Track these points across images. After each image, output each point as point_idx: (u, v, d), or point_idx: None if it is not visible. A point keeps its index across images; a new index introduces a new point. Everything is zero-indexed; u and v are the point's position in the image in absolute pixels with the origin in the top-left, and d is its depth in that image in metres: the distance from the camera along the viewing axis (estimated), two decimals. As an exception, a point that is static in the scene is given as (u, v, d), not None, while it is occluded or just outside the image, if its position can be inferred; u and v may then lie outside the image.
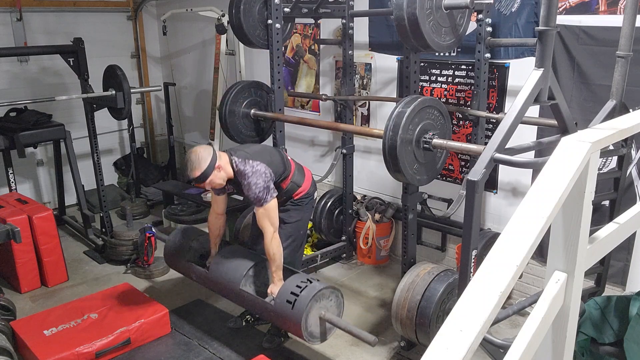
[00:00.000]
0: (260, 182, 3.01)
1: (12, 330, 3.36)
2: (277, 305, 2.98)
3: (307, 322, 2.90)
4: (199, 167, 2.96)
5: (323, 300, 2.98)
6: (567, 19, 3.29)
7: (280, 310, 2.96)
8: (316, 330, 2.97)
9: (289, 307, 2.92)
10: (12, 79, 5.63)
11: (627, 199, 3.15)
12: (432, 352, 0.92)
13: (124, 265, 4.66)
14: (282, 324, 3.06)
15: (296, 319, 2.87)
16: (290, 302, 2.92)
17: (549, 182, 1.24)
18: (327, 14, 4.13)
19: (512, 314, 2.03)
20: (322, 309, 2.97)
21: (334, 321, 2.97)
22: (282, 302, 2.96)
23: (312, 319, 2.93)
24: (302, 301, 2.89)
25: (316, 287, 2.94)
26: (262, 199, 3.01)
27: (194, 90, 6.55)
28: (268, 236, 3.05)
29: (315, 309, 2.93)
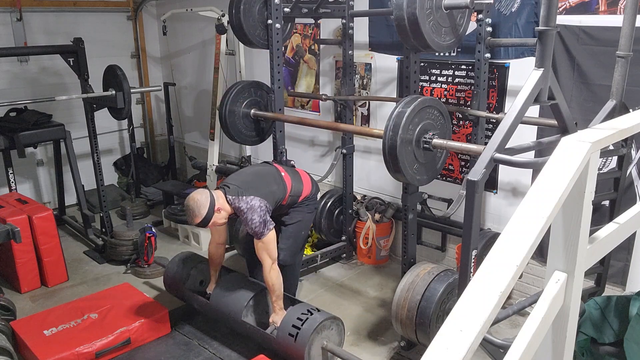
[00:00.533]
0: (255, 217, 3.06)
1: (12, 330, 3.36)
2: (280, 338, 3.05)
3: (310, 354, 2.97)
4: (200, 214, 3.01)
5: (324, 331, 3.05)
6: (567, 19, 3.29)
7: (283, 343, 3.03)
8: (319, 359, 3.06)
9: (291, 340, 2.98)
10: (12, 79, 5.63)
11: (627, 199, 3.15)
12: (432, 352, 0.92)
13: (124, 265, 4.66)
14: (285, 355, 3.11)
15: (299, 352, 2.94)
16: (293, 335, 2.98)
17: (549, 182, 1.24)
18: (327, 14, 4.13)
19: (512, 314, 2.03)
20: (324, 339, 3.05)
21: (336, 352, 3.08)
22: (284, 335, 3.02)
23: (314, 350, 3.00)
24: (304, 334, 2.96)
25: (317, 320, 3.01)
26: (259, 233, 3.08)
27: (194, 90, 6.55)
28: (267, 268, 3.12)
29: (318, 340, 3.01)
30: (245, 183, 3.20)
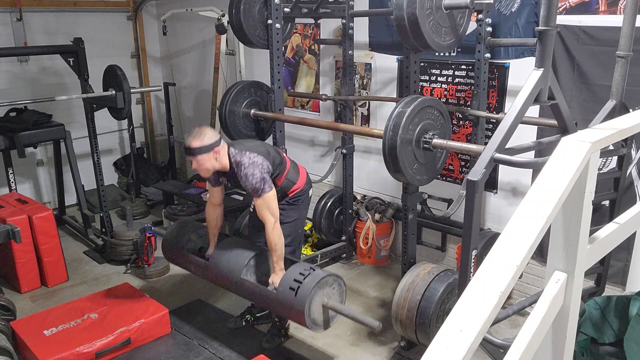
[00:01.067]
0: (257, 172, 3.00)
1: (12, 330, 3.36)
2: (280, 293, 2.95)
3: (310, 310, 2.87)
4: (200, 140, 2.96)
5: (326, 288, 2.94)
6: (567, 19, 3.29)
7: (283, 298, 2.92)
8: (319, 318, 2.94)
9: (292, 295, 2.88)
10: (12, 79, 5.63)
11: (627, 199, 3.15)
12: (432, 352, 0.92)
13: (124, 265, 4.66)
14: (284, 312, 3.03)
15: (299, 307, 2.84)
16: (294, 289, 2.88)
17: (549, 182, 1.24)
18: (327, 14, 4.13)
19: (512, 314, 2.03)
20: (325, 296, 2.94)
21: (338, 308, 2.95)
22: (284, 289, 2.92)
23: (315, 306, 2.89)
24: (305, 288, 2.85)
25: (319, 275, 2.91)
26: (260, 189, 3.01)
27: (194, 90, 6.56)
28: (269, 226, 3.04)
29: (319, 296, 2.90)
30: (251, 146, 3.18)
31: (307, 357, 3.42)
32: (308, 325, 2.88)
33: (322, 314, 2.95)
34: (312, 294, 2.86)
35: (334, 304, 2.95)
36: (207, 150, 2.98)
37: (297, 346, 3.51)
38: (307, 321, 2.86)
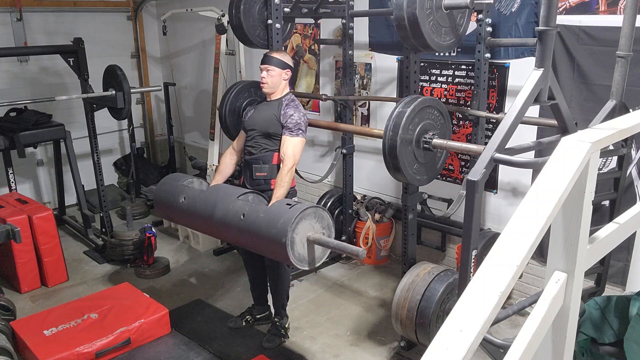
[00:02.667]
0: (299, 115, 3.19)
1: (12, 330, 3.36)
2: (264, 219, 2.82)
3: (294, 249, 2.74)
4: (281, 55, 3.24)
5: (309, 219, 2.81)
6: (567, 19, 3.29)
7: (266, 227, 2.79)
8: (304, 253, 2.82)
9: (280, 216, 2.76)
10: (12, 79, 5.63)
11: (627, 199, 3.15)
12: (432, 352, 0.92)
13: (124, 265, 4.66)
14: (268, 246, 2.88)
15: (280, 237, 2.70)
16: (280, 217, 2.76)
17: (549, 182, 1.24)
18: (327, 14, 4.12)
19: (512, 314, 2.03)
20: (310, 230, 2.81)
21: (322, 241, 2.82)
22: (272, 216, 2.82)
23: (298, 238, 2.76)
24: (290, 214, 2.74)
25: (303, 206, 2.81)
26: (300, 128, 3.17)
27: (194, 90, 6.55)
28: (287, 166, 3.12)
29: (303, 226, 2.77)
30: None
31: (306, 357, 3.42)
32: (292, 259, 2.74)
33: (307, 251, 2.83)
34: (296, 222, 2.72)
35: (318, 237, 2.82)
36: (283, 66, 3.22)
37: (297, 346, 3.51)
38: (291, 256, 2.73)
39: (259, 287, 3.70)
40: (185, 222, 3.66)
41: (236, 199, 3.06)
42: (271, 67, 3.21)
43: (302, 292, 4.18)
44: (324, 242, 2.83)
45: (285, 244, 2.71)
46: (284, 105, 3.23)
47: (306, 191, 5.28)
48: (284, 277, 3.48)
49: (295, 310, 3.88)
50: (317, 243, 2.84)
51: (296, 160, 3.16)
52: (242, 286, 4.23)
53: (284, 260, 2.83)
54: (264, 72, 3.24)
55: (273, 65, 3.20)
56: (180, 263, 4.77)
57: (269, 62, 3.21)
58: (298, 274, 4.37)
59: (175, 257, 4.86)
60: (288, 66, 3.25)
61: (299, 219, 2.74)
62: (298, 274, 4.37)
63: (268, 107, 3.29)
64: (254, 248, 3.11)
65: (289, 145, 3.15)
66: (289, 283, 3.68)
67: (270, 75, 3.22)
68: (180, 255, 4.91)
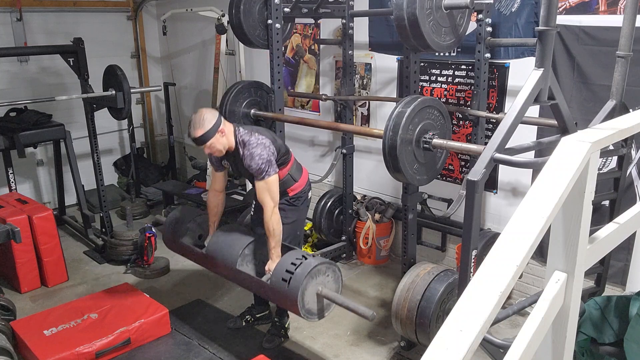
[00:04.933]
0: (264, 154, 2.99)
1: (12, 330, 3.36)
2: (274, 283, 2.92)
3: (304, 300, 2.83)
4: (202, 127, 2.94)
5: (320, 277, 2.90)
6: (567, 19, 3.29)
7: (277, 289, 2.90)
8: (314, 307, 2.90)
9: (284, 286, 2.85)
10: (12, 79, 5.63)
11: (627, 199, 3.15)
12: (432, 352, 0.92)
13: (124, 265, 4.66)
14: (279, 302, 3.01)
15: (292, 297, 2.81)
16: (286, 280, 2.85)
17: (549, 182, 1.24)
18: (327, 14, 4.13)
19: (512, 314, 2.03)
20: (319, 285, 2.90)
21: (331, 297, 2.90)
22: (277, 280, 2.89)
23: (308, 296, 2.86)
24: (297, 279, 2.82)
25: (311, 264, 2.87)
26: (264, 171, 2.99)
27: (194, 90, 6.56)
28: (268, 211, 3.02)
29: (312, 285, 2.86)
30: (258, 129, 3.17)
31: (306, 357, 3.42)
32: (303, 315, 2.85)
33: (317, 303, 2.91)
34: (305, 284, 2.81)
35: (327, 293, 2.90)
36: (213, 133, 2.97)
37: (297, 346, 3.51)
38: (302, 312, 2.83)
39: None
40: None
41: (237, 269, 3.15)
42: (206, 143, 3.00)
43: (302, 292, 4.18)
44: (332, 298, 2.92)
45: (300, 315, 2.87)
46: (242, 155, 3.06)
47: (306, 191, 5.28)
48: None
49: (295, 310, 3.88)
50: (326, 298, 2.93)
51: (275, 200, 3.05)
52: (242, 286, 4.23)
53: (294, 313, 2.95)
54: (206, 149, 3.06)
55: (206, 141, 2.99)
56: (180, 263, 4.76)
57: (200, 142, 3.00)
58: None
59: (175, 257, 4.85)
60: (216, 128, 2.97)
61: (302, 291, 2.83)
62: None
63: (236, 159, 3.16)
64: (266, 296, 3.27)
65: (260, 191, 3.04)
66: None
67: (212, 148, 3.03)
68: (180, 255, 4.91)
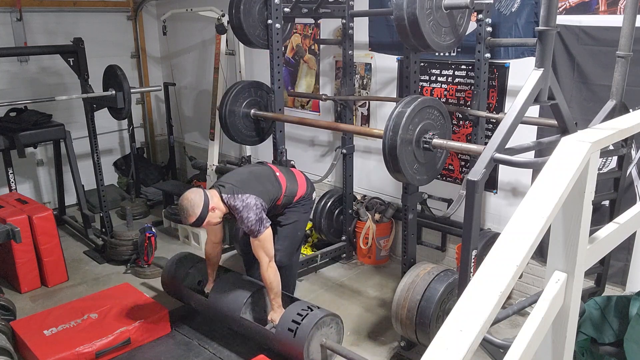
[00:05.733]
0: (251, 215, 3.04)
1: (12, 330, 3.36)
2: (279, 333, 3.04)
3: (309, 350, 2.96)
4: (194, 214, 2.98)
5: (324, 328, 3.04)
6: (567, 19, 3.29)
7: (283, 339, 3.02)
8: (318, 357, 3.05)
9: (290, 336, 2.98)
10: (12, 79, 5.63)
11: (627, 199, 3.15)
12: (432, 352, 0.92)
13: (124, 265, 4.65)
14: (284, 351, 3.10)
15: (298, 347, 2.94)
16: (292, 331, 2.98)
17: (549, 182, 1.24)
18: (327, 14, 4.13)
19: (512, 314, 2.03)
20: (323, 336, 3.04)
21: (336, 349, 3.05)
22: (283, 330, 3.02)
23: (313, 346, 2.99)
24: (303, 329, 2.95)
25: (317, 315, 3.01)
26: (256, 230, 3.06)
27: (194, 90, 6.55)
28: (264, 266, 3.12)
29: (317, 336, 3.01)
30: (240, 182, 3.18)
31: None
32: None
33: (321, 353, 3.05)
34: (311, 335, 2.95)
35: (332, 345, 3.05)
36: (204, 215, 3.01)
37: (297, 346, 3.51)
38: None
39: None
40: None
41: (241, 318, 3.24)
42: (202, 224, 3.06)
43: (302, 292, 4.18)
44: (337, 350, 3.07)
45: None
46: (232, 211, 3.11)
47: (306, 191, 5.28)
48: (287, 283, 3.49)
49: (295, 310, 3.88)
50: (330, 350, 3.07)
51: (269, 255, 3.12)
52: (242, 286, 4.23)
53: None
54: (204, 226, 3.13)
55: (202, 223, 3.04)
56: (180, 263, 4.76)
57: (196, 225, 3.05)
58: (298, 274, 4.36)
59: (175, 257, 4.85)
60: (205, 208, 3.00)
61: (308, 341, 2.94)
62: (298, 274, 4.36)
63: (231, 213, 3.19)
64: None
65: (255, 248, 3.12)
66: (295, 286, 3.70)
67: (209, 223, 3.09)
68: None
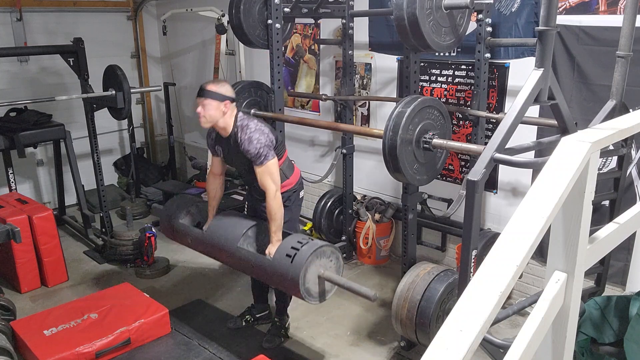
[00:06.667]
0: (262, 138, 2.96)
1: (12, 330, 3.35)
2: (276, 260, 2.89)
3: (306, 278, 2.80)
4: (216, 86, 2.96)
5: (323, 258, 2.88)
6: (567, 19, 3.29)
7: (279, 265, 2.86)
8: (314, 288, 2.87)
9: (288, 261, 2.82)
10: (12, 79, 5.63)
11: (627, 199, 3.15)
12: (432, 352, 0.92)
13: (124, 265, 4.66)
14: (279, 281, 2.94)
15: (294, 274, 2.78)
16: (290, 256, 2.83)
17: (549, 182, 1.24)
18: (327, 14, 4.13)
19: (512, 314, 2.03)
20: (322, 267, 2.87)
21: (334, 279, 2.87)
22: (281, 256, 2.87)
23: (310, 275, 2.83)
24: (302, 255, 2.80)
25: (317, 243, 2.87)
26: (263, 155, 2.96)
27: (194, 90, 6.49)
28: (270, 194, 3.00)
29: (315, 265, 2.83)
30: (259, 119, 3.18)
31: (306, 357, 3.42)
32: (302, 294, 2.81)
33: (318, 285, 2.88)
34: (309, 262, 2.78)
35: (330, 275, 2.87)
36: (219, 98, 2.94)
37: (297, 346, 3.51)
38: (302, 290, 2.79)
39: (260, 285, 3.70)
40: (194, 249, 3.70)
41: (238, 248, 3.12)
42: (206, 100, 2.94)
43: (302, 292, 4.18)
44: (335, 280, 2.90)
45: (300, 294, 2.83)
46: (239, 140, 3.01)
47: (306, 191, 5.26)
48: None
49: (295, 310, 3.88)
50: (328, 280, 2.90)
51: (277, 184, 3.03)
52: (242, 286, 4.23)
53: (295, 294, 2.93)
54: (199, 106, 2.98)
55: (208, 99, 2.94)
56: (180, 263, 4.77)
57: (203, 95, 2.95)
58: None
59: (175, 257, 4.86)
60: (226, 97, 2.96)
61: (305, 267, 2.80)
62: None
63: (230, 144, 3.11)
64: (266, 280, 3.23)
65: (261, 176, 3.01)
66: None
67: (205, 108, 2.96)
68: (180, 255, 4.91)
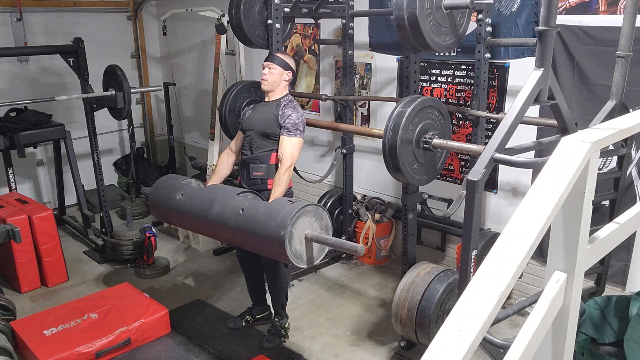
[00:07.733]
0: (297, 116, 3.22)
1: (12, 330, 3.36)
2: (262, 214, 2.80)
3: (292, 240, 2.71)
4: (284, 56, 3.32)
5: (310, 217, 2.80)
6: (567, 19, 3.29)
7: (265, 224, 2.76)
8: (301, 250, 2.78)
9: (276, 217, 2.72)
10: (12, 79, 5.63)
11: (627, 199, 3.15)
12: (432, 352, 0.92)
13: (124, 265, 4.66)
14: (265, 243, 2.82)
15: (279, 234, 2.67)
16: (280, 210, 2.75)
17: (549, 182, 1.24)
18: (327, 14, 4.13)
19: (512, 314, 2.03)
20: (308, 228, 2.79)
21: (320, 238, 2.79)
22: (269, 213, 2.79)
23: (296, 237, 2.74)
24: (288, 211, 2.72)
25: (304, 203, 2.80)
26: (298, 129, 3.19)
27: (194, 90, 6.55)
28: (284, 166, 3.14)
29: (302, 223, 2.75)
30: None
31: (306, 357, 3.42)
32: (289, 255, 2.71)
33: (305, 249, 2.80)
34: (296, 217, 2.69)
35: (316, 235, 2.79)
36: (285, 66, 3.28)
37: (297, 346, 3.51)
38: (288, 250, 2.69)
39: (257, 288, 3.70)
40: (181, 221, 3.54)
41: (235, 196, 3.08)
42: (273, 65, 3.26)
43: (302, 292, 4.18)
44: (322, 239, 2.81)
45: (283, 236, 2.67)
46: (282, 105, 3.25)
47: (306, 191, 5.28)
48: (281, 277, 3.47)
49: (295, 310, 3.88)
50: (315, 240, 2.81)
51: (294, 160, 3.18)
52: (242, 286, 4.23)
53: (281, 256, 2.79)
54: (266, 69, 3.28)
55: (276, 64, 3.26)
56: (180, 263, 4.77)
57: (272, 60, 3.28)
58: (298, 273, 4.37)
59: (175, 257, 4.86)
60: (290, 68, 3.31)
61: (299, 214, 2.74)
62: (298, 273, 4.37)
63: (266, 108, 3.31)
64: (251, 246, 3.07)
65: (287, 145, 3.16)
66: (288, 283, 3.68)
67: (271, 73, 3.26)
68: (180, 255, 4.91)
